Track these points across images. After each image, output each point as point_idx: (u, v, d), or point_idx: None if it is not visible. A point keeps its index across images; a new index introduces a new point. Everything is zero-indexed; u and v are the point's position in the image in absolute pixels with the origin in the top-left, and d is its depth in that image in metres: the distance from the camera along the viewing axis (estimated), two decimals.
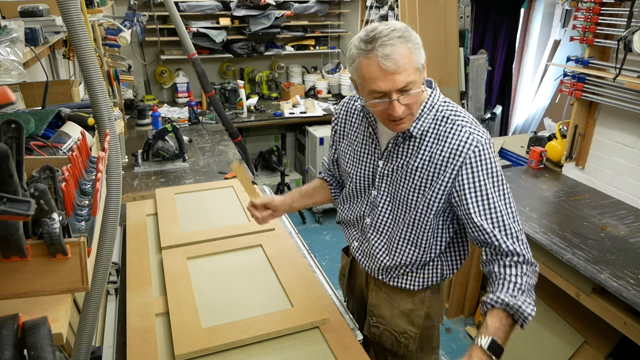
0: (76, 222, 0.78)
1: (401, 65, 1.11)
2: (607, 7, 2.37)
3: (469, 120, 1.26)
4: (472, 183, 1.22)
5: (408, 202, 1.32)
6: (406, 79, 1.13)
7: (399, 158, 1.31)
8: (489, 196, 1.21)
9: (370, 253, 1.46)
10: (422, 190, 1.28)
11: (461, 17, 4.12)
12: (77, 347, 0.92)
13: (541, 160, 2.95)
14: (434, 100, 1.27)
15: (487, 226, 1.21)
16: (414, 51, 1.13)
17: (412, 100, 1.18)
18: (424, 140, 1.27)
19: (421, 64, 1.17)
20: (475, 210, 1.22)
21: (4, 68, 1.02)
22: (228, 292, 1.50)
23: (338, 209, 1.58)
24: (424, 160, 1.27)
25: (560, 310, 2.38)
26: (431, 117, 1.26)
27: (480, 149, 1.21)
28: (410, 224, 1.34)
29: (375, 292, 1.52)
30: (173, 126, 2.68)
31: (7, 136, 0.65)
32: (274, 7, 4.39)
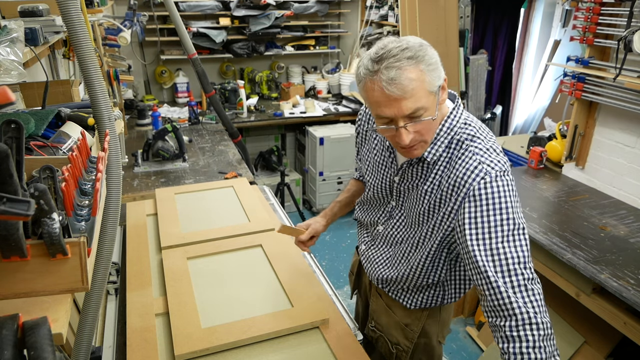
0: (76, 222, 0.78)
1: (408, 91, 1.01)
2: (607, 7, 2.37)
3: (484, 147, 1.12)
4: (474, 219, 1.06)
5: (417, 223, 1.26)
6: (414, 105, 1.03)
7: (413, 178, 1.24)
8: (492, 235, 1.04)
9: (373, 260, 1.45)
10: (429, 215, 1.21)
11: (461, 17, 4.12)
12: (77, 347, 0.92)
13: (541, 160, 2.95)
14: (453, 121, 1.16)
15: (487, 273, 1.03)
16: (426, 74, 1.03)
17: (423, 127, 1.08)
18: (436, 164, 1.18)
19: (437, 86, 1.06)
20: (475, 249, 1.05)
21: (4, 68, 1.02)
22: (228, 292, 1.50)
23: (356, 207, 1.55)
24: (433, 185, 1.18)
25: (560, 310, 2.38)
26: (447, 141, 1.15)
27: (487, 181, 1.06)
28: (413, 245, 1.29)
29: (376, 298, 1.51)
30: (173, 126, 2.68)
31: (7, 136, 0.65)
32: (274, 7, 4.39)
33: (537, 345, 0.97)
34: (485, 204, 1.06)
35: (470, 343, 2.84)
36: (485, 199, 1.06)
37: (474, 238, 1.06)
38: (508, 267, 1.03)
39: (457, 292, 1.38)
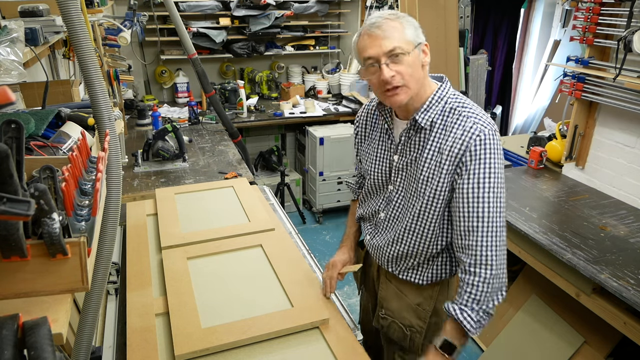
0: (76, 222, 0.78)
1: (388, 31, 1.21)
2: (607, 7, 2.37)
3: (476, 112, 1.28)
4: (472, 170, 1.24)
5: (418, 193, 1.34)
6: (392, 44, 1.21)
7: (412, 151, 1.35)
8: (481, 186, 1.23)
9: (380, 245, 1.49)
10: (429, 180, 1.30)
11: (461, 17, 4.12)
12: (77, 347, 0.92)
13: (541, 160, 2.95)
14: (442, 92, 1.31)
15: (468, 214, 1.24)
16: (405, 26, 1.23)
17: (403, 68, 1.22)
18: (432, 131, 1.30)
19: (417, 41, 1.24)
20: (465, 196, 1.25)
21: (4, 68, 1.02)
22: (228, 292, 1.50)
23: (358, 207, 1.62)
24: (432, 152, 1.30)
25: (560, 310, 2.38)
26: (439, 109, 1.30)
27: (482, 138, 1.23)
28: (417, 215, 1.36)
29: (385, 285, 1.54)
30: (173, 126, 2.68)
31: (7, 136, 0.65)
32: (274, 7, 4.39)
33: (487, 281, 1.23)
34: (482, 158, 1.23)
35: (470, 343, 2.84)
36: (482, 153, 1.23)
37: (467, 186, 1.24)
38: (489, 216, 1.23)
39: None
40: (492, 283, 1.23)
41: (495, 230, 1.24)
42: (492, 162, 1.24)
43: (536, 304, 2.50)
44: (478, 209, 1.23)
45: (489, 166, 1.23)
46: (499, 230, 1.24)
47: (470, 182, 1.24)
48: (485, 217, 1.23)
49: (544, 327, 2.41)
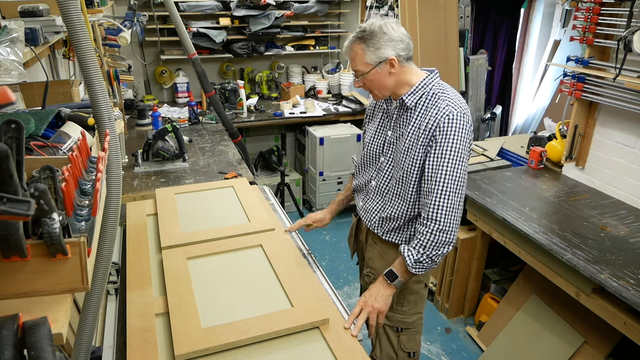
0: (76, 222, 0.78)
1: (351, 57, 1.55)
2: (607, 7, 2.37)
3: (452, 97, 1.51)
4: (439, 142, 1.47)
5: (400, 163, 1.59)
6: (355, 67, 1.55)
7: (401, 127, 1.60)
8: (444, 156, 1.46)
9: (369, 208, 1.74)
10: (409, 151, 1.55)
11: (461, 17, 4.12)
12: (77, 347, 0.92)
13: (541, 160, 2.95)
14: (428, 80, 1.56)
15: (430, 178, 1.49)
16: (365, 51, 1.50)
17: (367, 82, 1.55)
18: (416, 111, 1.55)
19: (378, 61, 1.50)
20: (430, 163, 1.49)
21: (4, 68, 1.02)
22: (228, 292, 1.50)
23: (354, 179, 1.87)
24: (413, 128, 1.54)
25: (560, 310, 2.38)
26: (424, 93, 1.55)
27: (451, 118, 1.46)
28: (400, 181, 1.61)
29: (371, 247, 1.79)
30: (173, 126, 2.68)
31: (7, 136, 0.65)
32: (274, 7, 4.39)
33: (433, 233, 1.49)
34: (448, 134, 1.46)
35: (470, 343, 2.84)
36: (449, 129, 1.46)
37: (432, 155, 1.48)
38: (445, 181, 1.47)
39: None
40: (438, 235, 1.48)
41: (449, 194, 1.47)
42: (455, 137, 1.46)
43: (536, 304, 2.50)
44: (437, 175, 1.47)
45: (452, 140, 1.46)
46: (452, 194, 1.47)
47: (436, 152, 1.48)
48: (441, 182, 1.47)
49: (544, 327, 2.41)
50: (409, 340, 1.73)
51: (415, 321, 1.73)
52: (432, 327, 2.98)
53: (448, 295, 3.02)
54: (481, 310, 2.91)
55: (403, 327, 1.72)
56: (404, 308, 1.71)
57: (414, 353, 1.75)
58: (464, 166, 1.49)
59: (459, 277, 2.92)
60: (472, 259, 2.86)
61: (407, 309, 1.71)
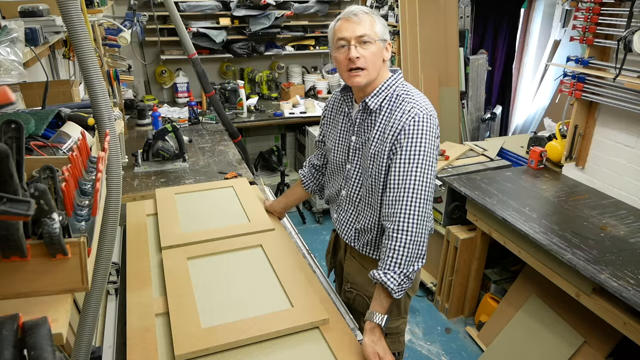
0: (76, 222, 0.78)
1: (362, 20, 1.41)
2: (607, 7, 2.37)
3: (417, 99, 1.45)
4: (404, 146, 1.39)
5: (368, 170, 1.51)
6: (364, 30, 1.41)
7: (365, 132, 1.53)
8: (412, 161, 1.38)
9: (343, 221, 1.67)
10: (375, 157, 1.48)
11: (461, 17, 4.12)
12: (77, 347, 0.92)
13: (541, 160, 2.95)
14: (392, 81, 1.50)
15: (397, 186, 1.40)
16: (376, 22, 1.43)
17: (367, 54, 1.42)
18: (379, 114, 1.48)
19: (383, 38, 1.44)
20: (396, 169, 1.40)
21: (4, 68, 1.02)
22: (228, 292, 1.50)
23: (325, 188, 1.81)
24: (378, 132, 1.47)
25: (560, 310, 2.38)
26: (387, 95, 1.48)
27: (416, 120, 1.39)
28: (369, 189, 1.53)
29: (350, 261, 1.73)
30: (173, 126, 2.68)
31: (7, 136, 0.65)
32: (274, 7, 4.39)
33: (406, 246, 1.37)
34: (414, 137, 1.39)
35: (470, 343, 2.84)
36: (414, 132, 1.39)
37: (399, 160, 1.40)
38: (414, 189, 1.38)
39: None
40: (411, 248, 1.36)
41: (419, 201, 1.37)
42: (422, 141, 1.38)
43: (536, 304, 2.50)
44: (406, 182, 1.38)
45: (419, 144, 1.38)
46: (422, 202, 1.38)
47: (402, 157, 1.39)
48: (410, 189, 1.37)
49: (544, 327, 2.41)
50: (393, 342, 1.69)
51: (399, 325, 1.69)
52: (432, 327, 2.98)
53: (448, 295, 3.02)
54: (481, 310, 2.91)
55: (387, 332, 1.63)
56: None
57: (399, 353, 1.73)
58: (432, 171, 1.41)
59: (459, 277, 2.92)
60: (472, 259, 2.86)
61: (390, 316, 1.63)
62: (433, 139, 1.41)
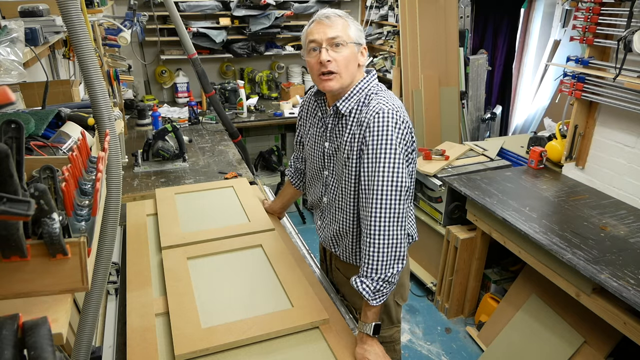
0: (76, 222, 0.77)
1: (334, 23, 1.37)
2: (607, 7, 2.37)
3: (385, 96, 1.40)
4: (370, 144, 1.34)
5: (341, 175, 1.48)
6: (336, 33, 1.36)
7: (337, 138, 1.48)
8: (378, 160, 1.32)
9: (324, 228, 1.65)
10: (347, 162, 1.44)
11: (461, 17, 4.12)
12: (77, 347, 0.92)
13: (541, 160, 2.95)
14: (364, 84, 1.44)
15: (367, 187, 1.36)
16: (349, 26, 1.40)
17: (339, 57, 1.37)
18: (350, 118, 1.44)
19: (357, 41, 1.40)
20: (364, 170, 1.36)
21: (4, 68, 1.02)
22: (228, 292, 1.50)
23: (307, 196, 1.77)
24: (350, 135, 1.43)
25: (560, 310, 2.38)
26: (359, 98, 1.43)
27: (380, 115, 1.33)
28: (343, 195, 1.49)
29: (336, 272, 1.71)
30: (173, 126, 2.67)
31: (7, 136, 0.65)
32: (274, 7, 4.39)
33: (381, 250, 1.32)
34: (379, 133, 1.33)
35: (470, 343, 2.84)
36: (378, 128, 1.33)
37: (365, 161, 1.35)
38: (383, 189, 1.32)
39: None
40: (386, 252, 1.31)
41: (389, 202, 1.31)
42: (387, 137, 1.31)
43: (536, 304, 2.50)
44: (373, 182, 1.33)
45: (383, 141, 1.32)
46: (392, 202, 1.31)
47: (369, 157, 1.34)
48: (379, 190, 1.31)
49: (544, 327, 2.41)
50: (389, 351, 1.66)
51: (392, 334, 1.69)
52: (432, 327, 2.98)
53: (448, 295, 3.02)
54: (481, 310, 2.91)
55: (381, 340, 1.65)
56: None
57: None
58: (401, 167, 1.33)
59: (459, 277, 2.92)
60: (472, 259, 2.86)
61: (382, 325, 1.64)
62: (399, 133, 1.33)
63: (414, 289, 3.31)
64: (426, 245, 3.22)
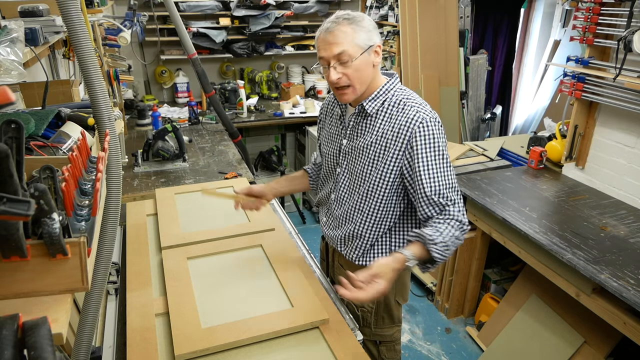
0: (76, 222, 0.77)
1: (338, 38, 1.32)
2: (607, 7, 2.37)
3: (419, 102, 1.42)
4: (420, 154, 1.37)
5: (363, 175, 1.48)
6: (342, 48, 1.32)
7: (358, 136, 1.49)
8: (432, 166, 1.37)
9: (331, 224, 1.64)
10: (374, 163, 1.44)
11: (461, 17, 4.12)
12: (77, 347, 0.92)
13: (541, 160, 2.95)
14: (390, 85, 1.45)
15: (428, 191, 1.38)
16: (357, 31, 1.33)
17: (349, 71, 1.35)
18: (378, 118, 1.44)
19: (367, 44, 1.35)
20: (420, 177, 1.38)
21: (4, 68, 1.02)
22: (228, 292, 1.50)
23: (317, 191, 1.78)
24: (377, 137, 1.43)
25: (560, 310, 2.38)
26: (386, 99, 1.44)
27: (424, 125, 1.36)
28: (364, 196, 1.49)
29: (339, 270, 1.69)
30: (173, 126, 2.68)
31: (7, 136, 0.65)
32: (274, 7, 4.39)
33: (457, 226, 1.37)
34: (427, 142, 1.36)
35: (470, 343, 2.84)
36: (427, 138, 1.36)
37: (420, 169, 1.37)
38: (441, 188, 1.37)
39: (403, 241, 1.57)
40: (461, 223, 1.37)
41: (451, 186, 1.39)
42: (437, 144, 1.37)
43: (536, 304, 2.50)
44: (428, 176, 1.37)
45: (434, 147, 1.37)
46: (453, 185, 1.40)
47: (425, 162, 1.37)
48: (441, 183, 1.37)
49: (544, 327, 2.41)
50: (389, 350, 1.70)
51: (393, 334, 1.70)
52: (432, 327, 2.98)
53: (448, 295, 3.02)
54: (481, 310, 2.91)
55: (381, 340, 1.69)
56: (379, 324, 1.67)
57: None
58: (449, 163, 1.40)
59: (459, 277, 2.92)
60: (472, 259, 2.86)
61: (382, 324, 1.68)
62: (443, 141, 1.40)
63: (414, 289, 3.31)
64: None
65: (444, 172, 1.38)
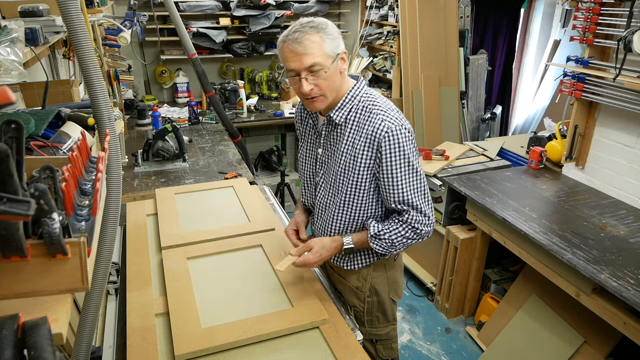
0: (76, 222, 0.77)
1: (308, 48, 1.29)
2: (607, 7, 2.37)
3: (385, 109, 1.40)
4: (386, 163, 1.38)
5: (338, 184, 1.50)
6: (312, 60, 1.30)
7: (331, 145, 1.50)
8: (397, 174, 1.39)
9: (318, 230, 1.65)
10: (347, 172, 1.46)
11: (461, 17, 4.12)
12: (77, 347, 0.92)
13: (541, 160, 2.95)
14: (356, 92, 1.44)
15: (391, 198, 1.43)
16: (325, 40, 1.31)
17: (321, 82, 1.34)
18: (347, 127, 1.44)
19: (335, 53, 1.34)
20: (385, 184, 1.41)
21: (4, 68, 1.02)
22: (228, 292, 1.50)
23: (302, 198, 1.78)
24: (347, 146, 1.44)
25: (560, 310, 2.38)
26: (352, 106, 1.43)
27: (390, 134, 1.36)
28: (342, 204, 1.51)
29: (330, 271, 1.73)
30: (173, 126, 2.68)
31: (7, 136, 0.65)
32: (274, 7, 4.39)
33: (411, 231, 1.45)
34: (393, 152, 1.37)
35: (470, 343, 2.84)
36: (392, 148, 1.37)
37: (385, 175, 1.40)
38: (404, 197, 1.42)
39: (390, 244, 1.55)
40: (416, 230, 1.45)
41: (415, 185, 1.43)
42: (402, 152, 1.38)
43: (536, 304, 2.50)
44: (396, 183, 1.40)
45: (400, 156, 1.38)
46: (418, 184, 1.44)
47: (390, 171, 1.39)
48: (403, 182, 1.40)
49: (544, 327, 2.41)
50: (386, 349, 1.71)
51: (388, 332, 1.70)
52: (432, 327, 2.98)
53: (448, 295, 3.02)
54: (481, 310, 2.91)
55: (377, 338, 1.70)
56: (373, 323, 1.68)
57: (393, 359, 1.74)
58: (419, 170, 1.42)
59: (459, 277, 2.92)
60: (472, 259, 2.86)
61: (377, 323, 1.68)
62: (411, 146, 1.40)
63: (414, 289, 3.31)
64: (426, 245, 3.22)
65: (409, 179, 1.41)
